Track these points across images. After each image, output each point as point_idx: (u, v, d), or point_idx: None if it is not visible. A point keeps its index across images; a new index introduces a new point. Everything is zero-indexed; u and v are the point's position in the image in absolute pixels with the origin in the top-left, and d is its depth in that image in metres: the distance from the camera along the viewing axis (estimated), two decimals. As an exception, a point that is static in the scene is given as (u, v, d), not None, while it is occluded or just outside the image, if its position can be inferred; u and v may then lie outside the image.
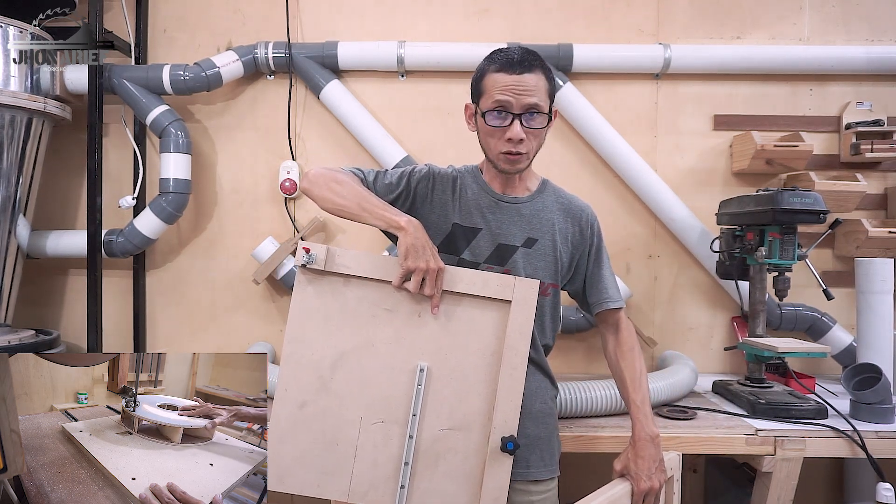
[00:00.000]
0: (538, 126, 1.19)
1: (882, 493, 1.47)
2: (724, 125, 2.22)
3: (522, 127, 1.17)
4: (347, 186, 1.20)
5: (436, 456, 1.16)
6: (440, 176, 1.30)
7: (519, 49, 1.20)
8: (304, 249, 1.15)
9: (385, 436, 1.16)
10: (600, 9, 2.22)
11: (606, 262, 1.35)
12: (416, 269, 1.11)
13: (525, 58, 1.18)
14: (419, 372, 1.16)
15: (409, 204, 1.27)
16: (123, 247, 2.10)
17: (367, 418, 1.16)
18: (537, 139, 1.22)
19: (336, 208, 1.20)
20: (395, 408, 1.16)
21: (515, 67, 1.16)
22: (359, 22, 2.23)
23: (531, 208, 1.29)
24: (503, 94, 1.16)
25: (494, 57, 1.20)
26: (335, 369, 1.17)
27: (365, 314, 1.18)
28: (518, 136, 1.17)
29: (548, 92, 1.20)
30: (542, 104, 1.18)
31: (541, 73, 1.18)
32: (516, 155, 1.20)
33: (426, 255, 1.12)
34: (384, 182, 1.28)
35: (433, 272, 1.12)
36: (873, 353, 1.84)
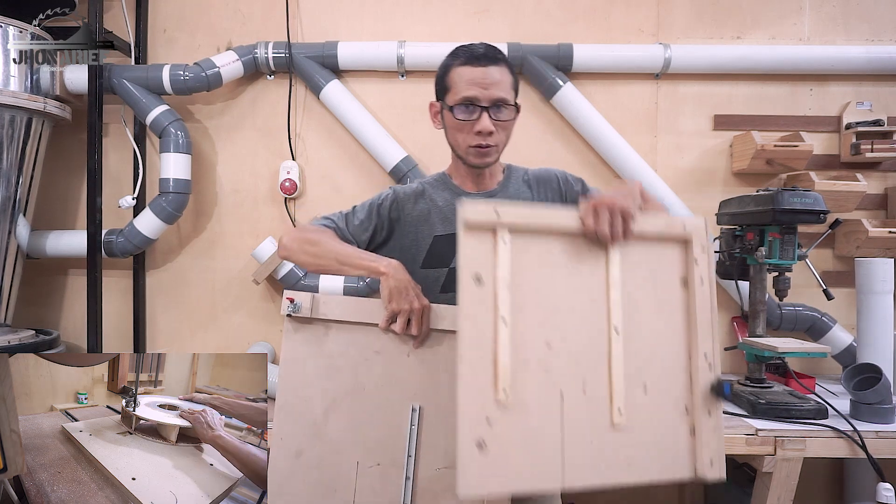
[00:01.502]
0: (506, 118, 1.20)
1: (882, 493, 1.47)
2: (724, 125, 2.22)
3: (491, 120, 1.18)
4: (321, 245, 1.22)
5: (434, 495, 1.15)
6: (406, 195, 1.31)
7: (482, 44, 1.21)
8: (289, 299, 1.16)
9: (383, 479, 1.15)
10: (600, 9, 2.22)
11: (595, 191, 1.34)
12: (401, 311, 1.12)
13: (489, 52, 1.19)
14: (412, 412, 1.15)
15: (385, 233, 1.30)
16: (123, 247, 2.10)
17: (364, 462, 1.16)
18: (505, 132, 1.23)
19: (317, 269, 1.23)
20: (390, 450, 1.15)
21: (481, 60, 1.17)
22: (359, 22, 2.23)
23: (504, 195, 1.30)
24: (470, 87, 1.17)
25: (458, 52, 1.21)
26: (328, 415, 1.16)
27: (354, 358, 1.17)
28: (487, 129, 1.18)
29: (512, 85, 1.21)
30: (508, 97, 1.19)
31: (505, 66, 1.20)
32: (486, 148, 1.21)
33: (409, 296, 1.12)
34: (355, 223, 1.29)
35: (418, 312, 1.12)
36: (873, 353, 1.84)
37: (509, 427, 0.91)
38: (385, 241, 1.31)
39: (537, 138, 2.21)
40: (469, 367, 0.91)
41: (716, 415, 0.99)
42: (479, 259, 0.94)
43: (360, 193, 2.21)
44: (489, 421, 0.90)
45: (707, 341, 1.01)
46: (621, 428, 0.96)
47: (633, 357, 0.99)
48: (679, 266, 1.05)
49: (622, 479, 0.95)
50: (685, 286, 1.04)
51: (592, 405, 0.96)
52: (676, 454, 0.98)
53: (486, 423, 0.90)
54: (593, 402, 0.96)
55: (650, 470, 0.97)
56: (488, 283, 0.94)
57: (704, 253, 1.04)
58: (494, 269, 0.95)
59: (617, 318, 0.99)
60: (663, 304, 1.03)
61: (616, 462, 0.95)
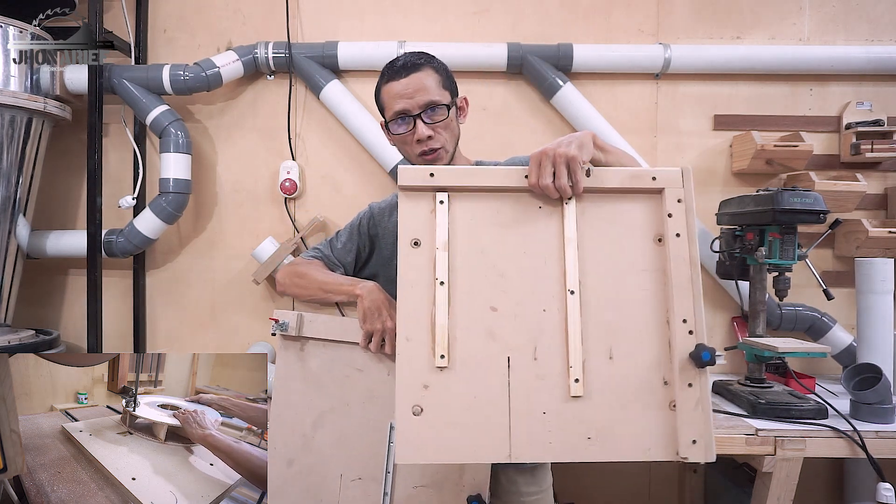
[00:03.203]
0: (440, 118, 1.21)
1: (882, 493, 1.47)
2: (724, 125, 2.22)
3: (426, 125, 1.20)
4: (308, 278, 1.29)
5: None
6: (381, 210, 1.37)
7: (404, 55, 1.25)
8: (273, 320, 1.20)
9: (364, 492, 1.18)
10: (600, 9, 2.22)
11: None
12: (375, 331, 1.15)
13: (408, 60, 1.22)
14: (390, 430, 1.18)
15: (368, 250, 1.36)
16: (123, 247, 2.10)
17: (347, 475, 1.19)
18: (447, 130, 1.23)
19: (308, 298, 1.30)
20: (371, 465, 1.18)
21: (400, 73, 1.20)
22: (359, 22, 2.23)
23: None
24: (397, 101, 1.20)
25: (384, 71, 1.25)
26: (316, 428, 1.20)
27: (339, 375, 1.21)
28: (424, 135, 1.20)
29: (441, 84, 1.23)
30: (437, 98, 1.21)
31: (428, 69, 1.22)
32: (432, 153, 1.22)
33: (382, 316, 1.15)
34: (339, 247, 1.37)
35: (391, 331, 1.15)
36: (873, 353, 1.84)
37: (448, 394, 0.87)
38: (369, 257, 1.37)
39: (537, 138, 2.21)
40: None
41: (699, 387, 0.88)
42: (416, 223, 0.93)
43: (360, 193, 2.21)
44: (426, 387, 0.87)
45: (686, 304, 0.92)
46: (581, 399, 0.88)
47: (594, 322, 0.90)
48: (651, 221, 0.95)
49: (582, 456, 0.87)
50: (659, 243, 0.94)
51: (545, 373, 0.89)
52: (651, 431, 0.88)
53: (422, 389, 0.87)
54: (546, 369, 0.89)
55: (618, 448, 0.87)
56: (426, 246, 0.92)
57: (681, 204, 0.95)
58: (433, 232, 0.92)
59: (573, 280, 0.91)
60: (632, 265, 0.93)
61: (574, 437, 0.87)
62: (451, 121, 1.24)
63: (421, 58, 1.23)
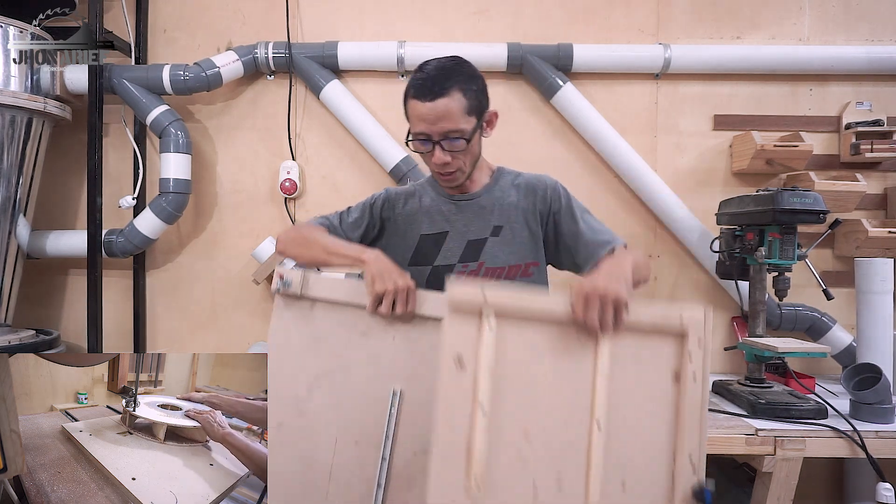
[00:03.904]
0: (459, 148, 1.20)
1: (882, 493, 1.47)
2: (724, 125, 2.22)
3: (444, 151, 1.19)
4: (312, 239, 1.26)
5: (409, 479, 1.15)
6: (399, 195, 1.36)
7: (434, 69, 1.19)
8: (279, 276, 1.17)
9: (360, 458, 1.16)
10: (600, 9, 2.22)
11: (582, 215, 1.30)
12: (385, 292, 1.13)
13: (437, 82, 1.16)
14: (393, 395, 1.16)
15: (376, 231, 1.35)
16: (123, 247, 2.10)
17: (342, 440, 1.17)
18: (466, 154, 1.22)
19: (309, 261, 1.26)
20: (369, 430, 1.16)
21: (427, 95, 1.16)
22: (359, 22, 2.23)
23: (489, 198, 1.31)
24: (419, 123, 1.19)
25: (414, 79, 1.20)
26: (312, 392, 1.18)
27: (340, 338, 1.18)
28: (441, 161, 1.20)
29: (467, 109, 1.19)
30: (459, 127, 1.18)
31: (456, 93, 1.17)
32: (448, 175, 1.24)
33: (392, 277, 1.13)
34: (349, 221, 1.34)
35: (402, 291, 1.13)
36: (873, 353, 1.84)
37: None
38: (377, 238, 1.35)
39: (537, 138, 2.21)
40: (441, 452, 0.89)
41: None
42: (462, 341, 0.92)
43: (360, 193, 2.20)
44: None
45: (693, 442, 0.95)
46: None
47: (614, 452, 0.94)
48: (672, 360, 0.98)
49: None
50: (677, 381, 0.98)
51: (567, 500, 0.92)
52: None
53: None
54: (568, 497, 0.92)
55: None
56: (469, 367, 0.92)
57: (700, 348, 0.97)
58: (477, 353, 0.92)
59: (601, 412, 0.94)
60: (651, 400, 0.97)
61: None
62: (474, 144, 1.23)
63: (450, 78, 1.17)
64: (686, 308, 0.98)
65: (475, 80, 1.21)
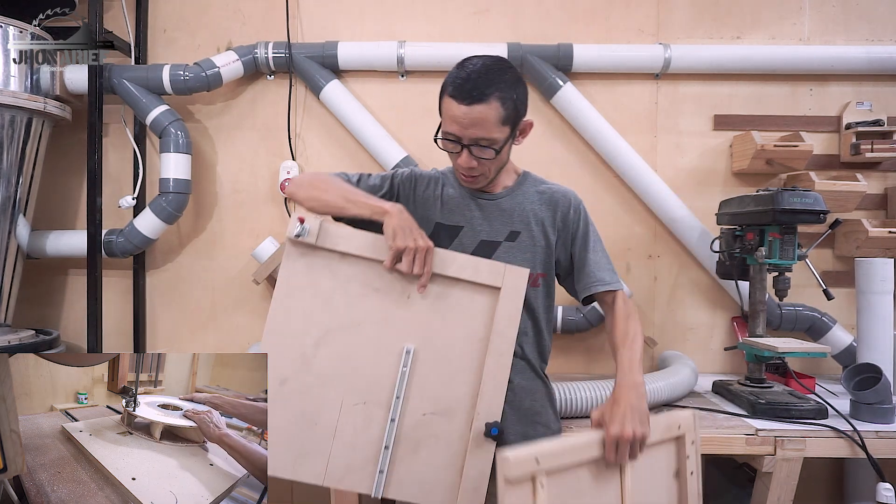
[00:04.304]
0: (487, 157, 1.18)
1: (882, 493, 1.47)
2: (724, 125, 2.22)
3: (471, 156, 1.17)
4: (330, 184, 1.22)
5: (417, 441, 1.14)
6: (422, 177, 1.33)
7: (477, 71, 1.15)
8: (299, 220, 1.13)
9: (366, 418, 1.13)
10: (600, 9, 2.22)
11: (595, 245, 1.31)
12: (406, 249, 1.11)
13: (477, 87, 1.12)
14: (405, 354, 1.14)
15: None
16: (123, 247, 2.10)
17: (349, 399, 1.14)
18: (492, 162, 1.21)
19: (321, 205, 1.20)
20: (378, 390, 1.14)
21: (465, 98, 1.12)
22: (359, 22, 2.23)
23: (511, 202, 1.29)
24: (452, 123, 1.16)
25: (454, 76, 1.17)
26: (319, 347, 1.14)
27: (353, 293, 1.15)
28: (467, 165, 1.18)
29: (502, 119, 1.15)
30: (491, 136, 1.15)
31: (495, 101, 1.13)
32: (471, 178, 1.23)
33: (414, 235, 1.12)
34: (368, 184, 1.31)
35: (422, 250, 1.12)
36: (873, 353, 1.84)
37: None
38: None
39: (537, 138, 2.21)
40: None
41: None
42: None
43: (360, 193, 2.21)
44: None
45: None
46: None
47: None
48: (673, 460, 1.11)
49: None
50: (677, 478, 1.11)
51: None
52: None
53: None
54: None
55: None
56: None
57: (694, 445, 1.12)
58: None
59: None
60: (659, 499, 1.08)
61: None
62: (502, 155, 1.21)
63: (492, 84, 1.13)
64: (679, 415, 1.12)
65: (516, 88, 1.17)
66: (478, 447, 1.13)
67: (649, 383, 1.64)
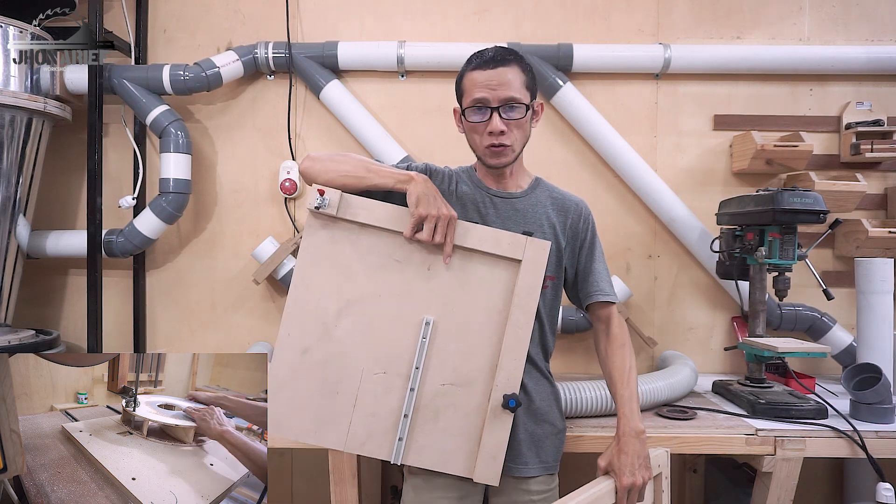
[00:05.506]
0: (517, 117, 1.21)
1: (882, 493, 1.47)
2: (724, 125, 2.22)
3: (502, 119, 1.19)
4: (349, 157, 1.24)
5: (436, 411, 1.16)
6: (437, 171, 1.34)
7: (495, 48, 1.24)
8: (319, 191, 1.15)
9: (386, 387, 1.15)
10: (600, 9, 2.22)
11: (599, 256, 1.35)
12: (429, 216, 1.12)
13: (499, 53, 1.21)
14: (425, 325, 1.15)
15: None
16: (123, 247, 2.10)
17: (370, 368, 1.16)
18: (520, 130, 1.24)
19: (340, 176, 1.20)
20: (398, 359, 1.16)
21: (489, 63, 1.19)
22: (359, 22, 2.23)
23: (525, 203, 1.31)
24: (480, 90, 1.19)
25: (471, 58, 1.24)
26: (340, 317, 1.16)
27: (374, 264, 1.17)
28: (498, 129, 1.19)
29: (525, 84, 1.22)
30: (518, 96, 1.20)
31: (516, 66, 1.21)
32: (500, 147, 1.22)
33: (437, 203, 1.13)
34: None
35: (445, 218, 1.13)
36: (873, 353, 1.83)
37: None
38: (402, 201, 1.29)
39: (537, 138, 2.20)
40: None
41: None
42: None
43: (360, 193, 2.21)
44: None
45: None
46: None
47: None
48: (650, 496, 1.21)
49: None
50: None
51: None
52: None
53: None
54: None
55: None
56: None
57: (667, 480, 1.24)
58: None
59: None
60: None
61: None
62: (526, 122, 1.24)
63: (511, 54, 1.22)
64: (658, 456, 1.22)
65: (529, 67, 1.26)
66: (496, 418, 1.15)
67: (649, 383, 1.64)
